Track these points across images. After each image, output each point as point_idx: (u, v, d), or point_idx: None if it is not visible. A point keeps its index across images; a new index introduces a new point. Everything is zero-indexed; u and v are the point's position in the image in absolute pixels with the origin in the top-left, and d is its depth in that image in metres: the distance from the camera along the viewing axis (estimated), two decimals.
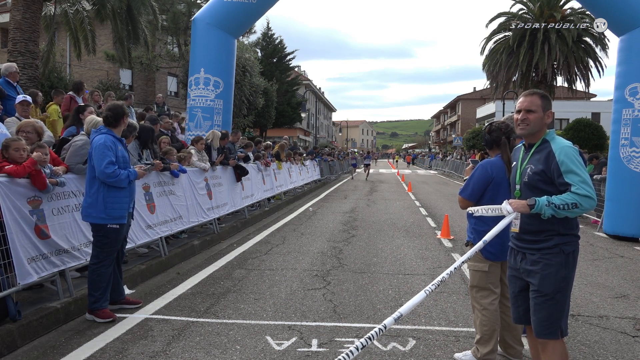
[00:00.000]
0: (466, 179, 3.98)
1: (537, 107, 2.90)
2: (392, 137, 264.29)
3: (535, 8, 27.26)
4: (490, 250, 3.69)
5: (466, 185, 3.80)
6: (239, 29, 11.57)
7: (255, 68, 25.81)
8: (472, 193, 3.74)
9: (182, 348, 4.01)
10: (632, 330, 4.62)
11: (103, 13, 16.56)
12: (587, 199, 2.68)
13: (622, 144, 9.42)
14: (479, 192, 3.72)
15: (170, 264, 6.77)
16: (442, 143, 78.76)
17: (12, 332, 3.98)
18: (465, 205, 3.77)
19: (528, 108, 2.90)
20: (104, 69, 27.01)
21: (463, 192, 3.80)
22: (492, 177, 3.69)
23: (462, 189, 3.82)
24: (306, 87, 51.70)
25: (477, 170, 3.77)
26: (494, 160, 3.77)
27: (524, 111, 2.91)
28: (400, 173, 35.04)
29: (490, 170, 3.70)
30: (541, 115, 2.90)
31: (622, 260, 7.70)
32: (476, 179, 3.74)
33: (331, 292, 5.60)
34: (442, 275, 2.86)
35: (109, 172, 4.45)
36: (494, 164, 3.73)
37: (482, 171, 3.73)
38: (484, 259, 3.76)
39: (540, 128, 2.93)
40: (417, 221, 11.32)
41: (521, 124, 2.93)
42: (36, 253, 4.47)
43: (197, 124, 10.77)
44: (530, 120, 2.90)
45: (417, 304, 2.74)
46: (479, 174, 3.74)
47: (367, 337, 2.61)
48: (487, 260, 3.75)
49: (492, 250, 3.68)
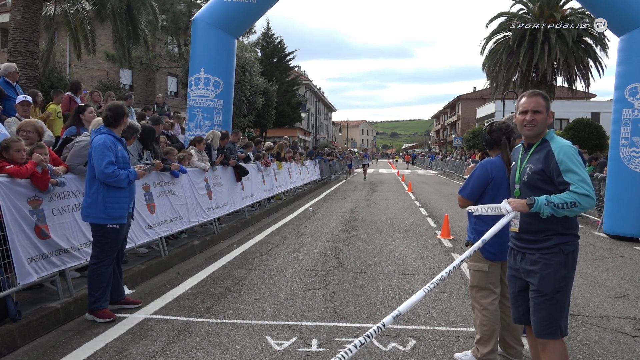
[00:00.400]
0: (466, 178, 3.98)
1: (543, 108, 2.92)
2: (392, 137, 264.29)
3: (535, 8, 27.26)
4: (490, 250, 3.69)
5: (466, 184, 3.80)
6: (239, 29, 11.57)
7: (255, 68, 25.80)
8: (471, 192, 3.75)
9: (182, 348, 4.01)
10: (632, 330, 4.62)
11: (103, 13, 16.56)
12: (586, 198, 2.68)
13: (622, 144, 9.42)
14: (479, 191, 3.72)
15: (170, 264, 6.77)
16: (442, 143, 78.76)
17: (12, 332, 3.98)
18: (464, 204, 3.77)
19: (535, 109, 2.90)
20: (104, 69, 27.01)
21: (462, 191, 3.81)
22: (492, 177, 3.69)
23: (462, 188, 3.82)
24: (306, 87, 51.69)
25: (477, 170, 3.77)
26: (494, 160, 3.77)
27: (532, 112, 2.90)
28: (400, 173, 35.03)
29: (490, 170, 3.70)
30: (546, 116, 2.93)
31: (622, 260, 7.70)
32: (476, 178, 3.74)
33: (331, 292, 5.60)
34: (440, 274, 2.87)
35: (108, 172, 4.45)
36: (494, 163, 3.74)
37: (482, 170, 3.73)
38: (484, 259, 3.76)
39: (544, 128, 2.96)
40: (417, 221, 11.32)
41: (528, 125, 2.92)
42: (36, 253, 4.47)
43: (197, 124, 10.77)
44: (538, 121, 2.90)
45: (416, 303, 2.75)
46: (478, 173, 3.74)
47: (365, 336, 2.62)
48: (487, 260, 3.75)
49: (492, 250, 3.69)
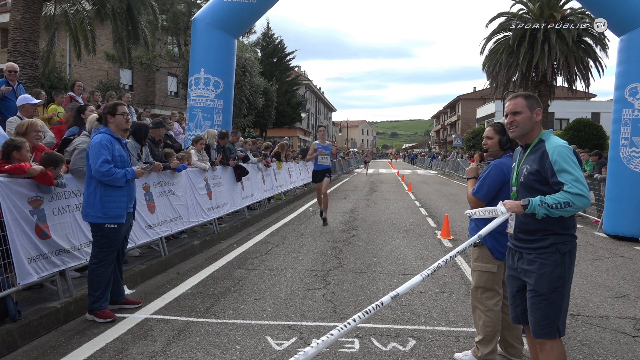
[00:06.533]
0: (469, 178, 3.95)
1: (522, 108, 2.94)
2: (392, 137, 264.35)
3: (535, 8, 27.23)
4: (501, 251, 3.62)
5: (480, 186, 3.70)
6: (239, 29, 11.57)
7: (255, 68, 25.80)
8: (487, 193, 3.66)
9: (182, 348, 4.01)
10: (632, 330, 4.62)
11: (103, 13, 16.55)
12: (580, 198, 2.67)
13: (622, 144, 9.42)
14: (494, 192, 3.64)
15: (170, 264, 6.78)
16: (442, 143, 78.75)
17: (12, 332, 3.98)
18: (477, 206, 3.64)
19: (513, 110, 2.96)
20: (104, 69, 27.02)
21: (477, 192, 3.71)
22: (507, 178, 3.59)
23: (476, 190, 3.72)
24: (306, 87, 51.69)
25: (491, 171, 3.68)
26: (505, 160, 3.69)
27: (510, 114, 2.98)
28: (400, 173, 35.03)
29: (506, 171, 3.60)
30: (529, 115, 2.93)
31: (622, 260, 7.70)
32: (491, 179, 3.65)
33: (331, 292, 5.60)
34: (437, 262, 2.92)
35: (103, 170, 4.44)
36: (507, 164, 3.64)
37: (498, 171, 3.65)
38: (493, 260, 3.70)
39: (531, 127, 2.95)
40: (417, 221, 11.33)
41: (511, 127, 3.01)
42: (36, 253, 4.47)
43: (197, 124, 10.77)
44: (518, 121, 2.95)
45: (413, 286, 2.82)
46: (494, 174, 3.65)
47: (364, 312, 2.67)
48: (497, 260, 3.69)
49: (503, 251, 3.57)
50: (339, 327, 2.59)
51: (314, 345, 2.51)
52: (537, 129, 2.96)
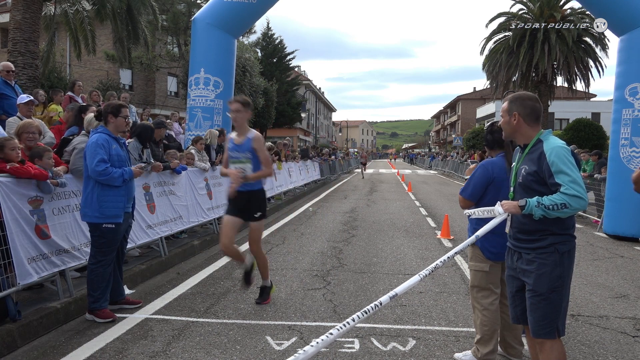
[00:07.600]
0: (467, 179, 3.97)
1: (504, 112, 3.01)
2: (392, 137, 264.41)
3: (535, 8, 27.23)
4: (491, 250, 3.69)
5: (467, 185, 3.79)
6: (239, 29, 11.57)
7: (255, 68, 25.79)
8: (472, 193, 3.74)
9: (182, 348, 4.01)
10: (632, 330, 4.62)
11: (103, 13, 16.54)
12: (577, 199, 2.67)
13: (622, 144, 9.43)
14: (480, 192, 3.70)
15: (170, 264, 6.78)
16: (442, 143, 78.73)
17: (12, 332, 3.98)
18: (465, 205, 3.77)
19: (501, 114, 3.05)
20: (104, 69, 27.01)
21: (464, 192, 3.79)
22: (493, 177, 3.67)
23: (463, 189, 3.81)
24: (306, 87, 51.70)
25: (477, 170, 3.76)
26: (495, 160, 3.75)
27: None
28: (400, 173, 35.03)
29: (492, 170, 3.68)
30: (507, 119, 2.98)
31: (622, 260, 7.70)
32: (477, 178, 3.72)
33: (331, 292, 5.60)
34: (435, 262, 2.92)
35: (99, 169, 4.43)
36: (495, 163, 3.72)
37: (483, 171, 3.71)
38: (485, 259, 3.75)
39: (513, 130, 2.98)
40: (417, 221, 11.32)
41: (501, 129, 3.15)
42: (36, 253, 4.48)
43: (197, 124, 10.77)
44: (502, 125, 3.06)
45: (412, 286, 2.82)
46: (479, 173, 3.72)
47: (362, 311, 2.67)
48: (488, 260, 3.74)
49: (494, 250, 3.68)
50: (338, 326, 2.60)
51: (313, 345, 2.51)
52: (520, 131, 2.95)
